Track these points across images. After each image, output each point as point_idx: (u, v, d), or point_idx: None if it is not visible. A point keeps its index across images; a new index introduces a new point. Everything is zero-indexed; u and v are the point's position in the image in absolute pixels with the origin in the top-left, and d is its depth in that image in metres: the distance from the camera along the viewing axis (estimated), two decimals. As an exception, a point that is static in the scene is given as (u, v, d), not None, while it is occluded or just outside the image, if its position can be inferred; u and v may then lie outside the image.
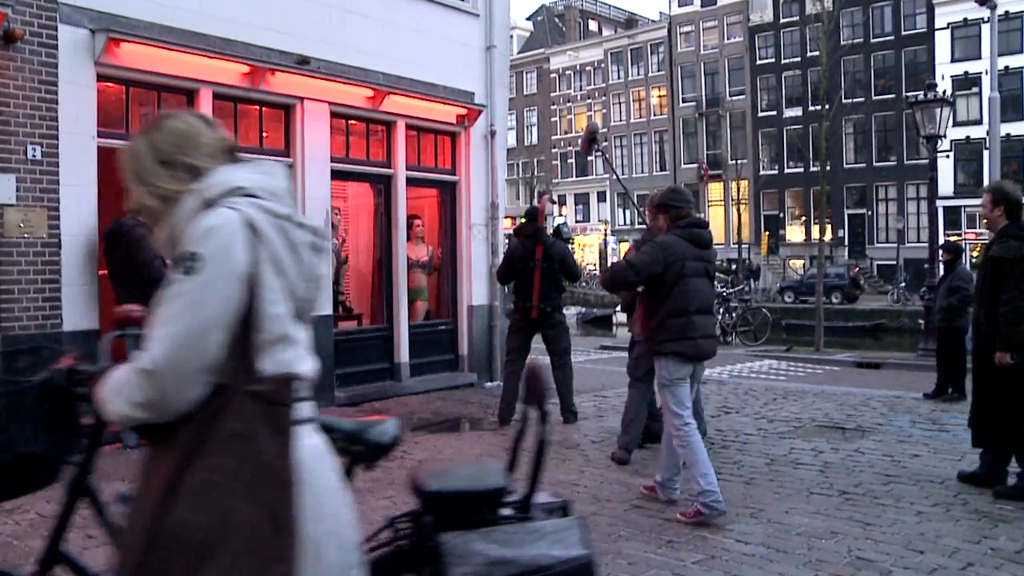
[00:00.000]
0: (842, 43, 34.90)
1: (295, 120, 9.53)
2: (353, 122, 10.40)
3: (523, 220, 8.91)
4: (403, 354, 10.78)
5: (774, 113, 49.47)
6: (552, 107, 60.62)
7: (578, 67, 59.46)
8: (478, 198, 11.68)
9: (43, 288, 7.41)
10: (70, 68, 7.59)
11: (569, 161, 59.39)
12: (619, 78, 57.25)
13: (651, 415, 7.39)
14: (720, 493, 5.36)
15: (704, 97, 52.84)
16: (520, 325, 8.84)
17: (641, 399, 7.25)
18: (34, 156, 7.35)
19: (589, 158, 11.86)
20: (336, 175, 10.08)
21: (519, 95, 61.83)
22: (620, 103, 57.26)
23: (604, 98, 57.78)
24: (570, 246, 10.74)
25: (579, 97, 59.62)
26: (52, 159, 7.47)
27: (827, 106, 19.70)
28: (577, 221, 57.53)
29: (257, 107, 9.34)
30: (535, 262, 8.62)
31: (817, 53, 25.11)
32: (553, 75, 60.66)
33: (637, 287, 5.88)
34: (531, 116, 61.92)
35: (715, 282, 6.01)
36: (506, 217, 11.32)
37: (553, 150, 59.96)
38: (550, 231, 9.16)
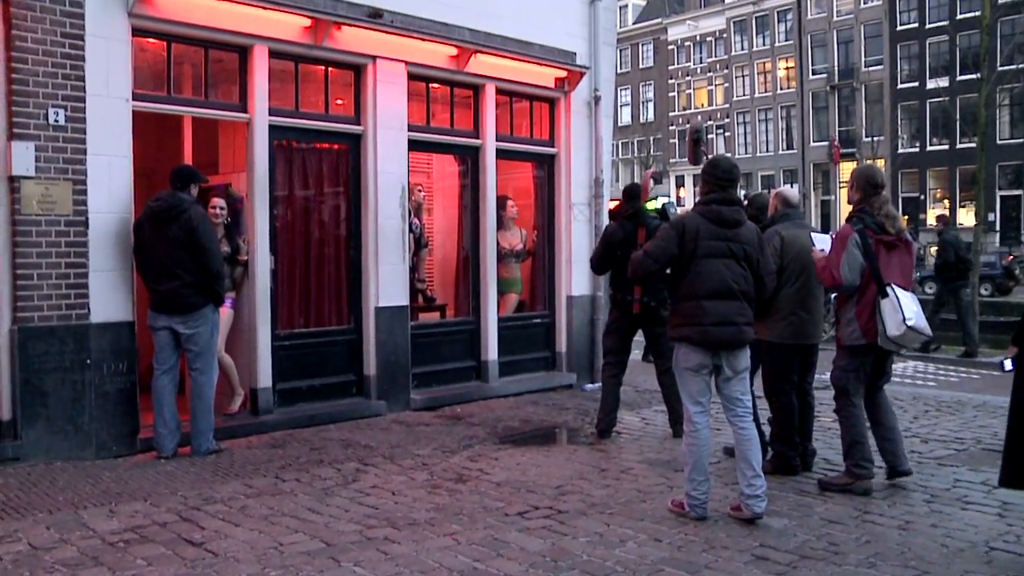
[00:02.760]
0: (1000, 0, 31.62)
1: (366, 82, 8.38)
2: (434, 86, 9.20)
3: (622, 199, 7.65)
4: (491, 351, 9.56)
5: (916, 84, 45.73)
6: (670, 81, 58.23)
7: (698, 38, 56.81)
8: (580, 174, 10.32)
9: (67, 273, 6.46)
10: (99, 20, 6.60)
11: (687, 139, 57.09)
12: (743, 49, 54.40)
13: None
14: (707, 505, 5.20)
15: (836, 68, 49.51)
16: (619, 322, 7.66)
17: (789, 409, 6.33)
18: (56, 121, 6.39)
19: (699, 165, 10.74)
20: (414, 146, 8.90)
21: (634, 69, 59.77)
22: (743, 76, 54.43)
23: (726, 71, 55.09)
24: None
25: (699, 70, 57.04)
26: (78, 125, 6.50)
27: (986, 73, 17.34)
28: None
29: (322, 67, 8.22)
30: (636, 247, 7.23)
31: (968, 15, 22.57)
32: (671, 47, 58.23)
33: (659, 273, 5.41)
34: (647, 91, 59.66)
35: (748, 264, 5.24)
36: (613, 199, 9.90)
37: (671, 127, 57.63)
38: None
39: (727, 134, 54.76)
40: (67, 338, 6.42)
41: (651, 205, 8.34)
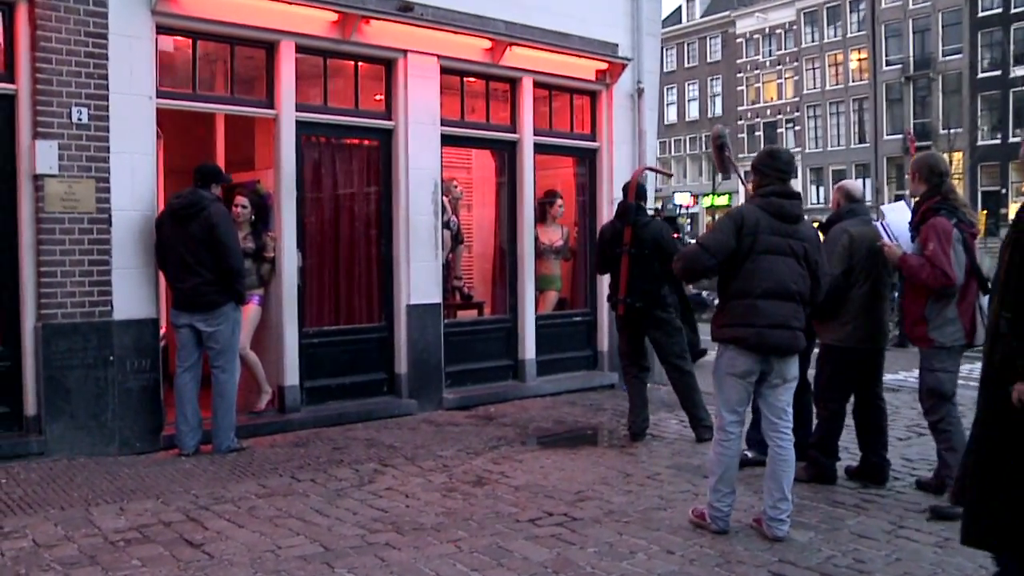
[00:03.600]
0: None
1: (397, 77, 8.27)
2: (469, 79, 9.04)
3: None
4: (528, 350, 9.39)
5: (998, 73, 43.96)
6: (738, 75, 57.15)
7: (767, 30, 55.64)
8: (622, 169, 10.04)
9: (90, 271, 6.49)
10: (122, 18, 6.61)
11: (756, 134, 55.86)
12: (813, 41, 53.11)
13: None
14: (729, 518, 4.90)
15: (912, 58, 47.91)
16: (619, 325, 7.46)
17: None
18: (80, 119, 6.42)
19: (727, 174, 9.85)
20: (448, 141, 8.78)
21: (702, 63, 58.86)
22: (814, 69, 53.15)
23: (796, 63, 53.87)
24: (687, 227, 8.76)
25: (768, 63, 55.84)
26: (101, 123, 6.52)
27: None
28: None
29: (351, 62, 8.13)
30: (622, 246, 7.10)
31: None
32: (739, 40, 57.13)
33: (716, 268, 4.90)
34: (715, 85, 58.65)
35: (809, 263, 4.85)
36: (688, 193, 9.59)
37: (739, 122, 56.56)
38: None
39: (797, 128, 53.56)
40: (90, 335, 6.45)
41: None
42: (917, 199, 5.57)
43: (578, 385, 9.67)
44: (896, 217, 5.69)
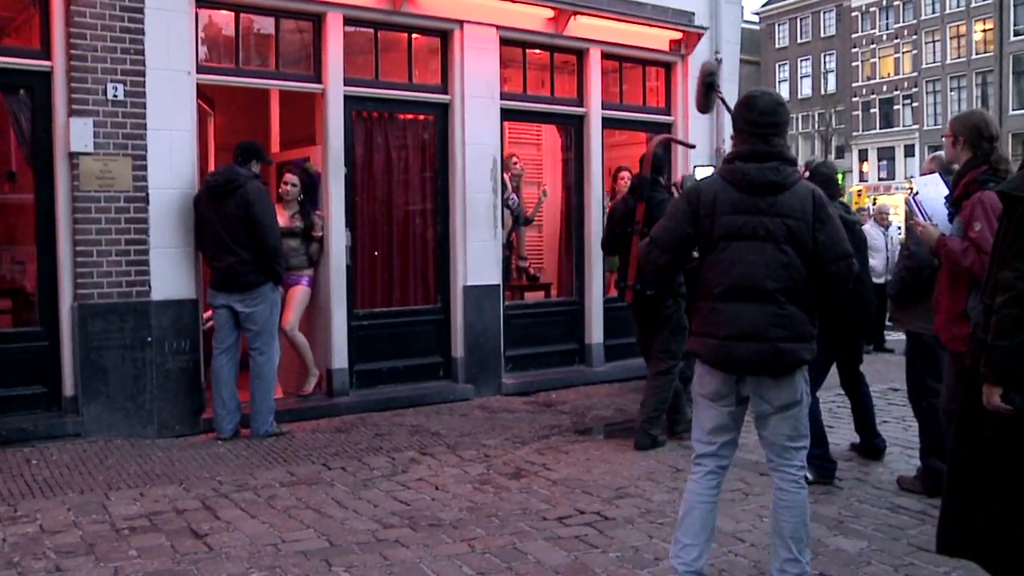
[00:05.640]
0: None
1: (453, 49, 7.94)
2: (532, 51, 8.62)
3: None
4: (596, 333, 8.97)
5: None
6: (853, 50, 54.67)
7: (884, 2, 52.90)
8: (699, 144, 9.45)
9: (127, 250, 6.38)
10: (159, -9, 6.44)
11: (872, 111, 53.43)
12: (933, 12, 50.36)
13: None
14: None
15: (1042, 28, 45.09)
16: (633, 315, 6.65)
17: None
18: (115, 96, 6.30)
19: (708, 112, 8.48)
20: (508, 116, 8.41)
21: (815, 38, 56.54)
22: (934, 42, 50.40)
23: (914, 36, 51.19)
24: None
25: (884, 37, 53.20)
26: (137, 99, 6.39)
27: None
28: (880, 179, 51.80)
29: (404, 34, 7.82)
30: (633, 226, 6.27)
31: None
32: (855, 13, 54.63)
33: (677, 265, 3.81)
34: (829, 61, 56.23)
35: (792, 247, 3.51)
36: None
37: (854, 99, 54.18)
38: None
39: (915, 105, 50.97)
40: (127, 316, 6.34)
41: (701, 173, 6.83)
42: (958, 168, 4.65)
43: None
44: (930, 192, 4.80)
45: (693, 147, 8.02)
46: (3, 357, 6.16)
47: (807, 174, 5.48)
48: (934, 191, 4.73)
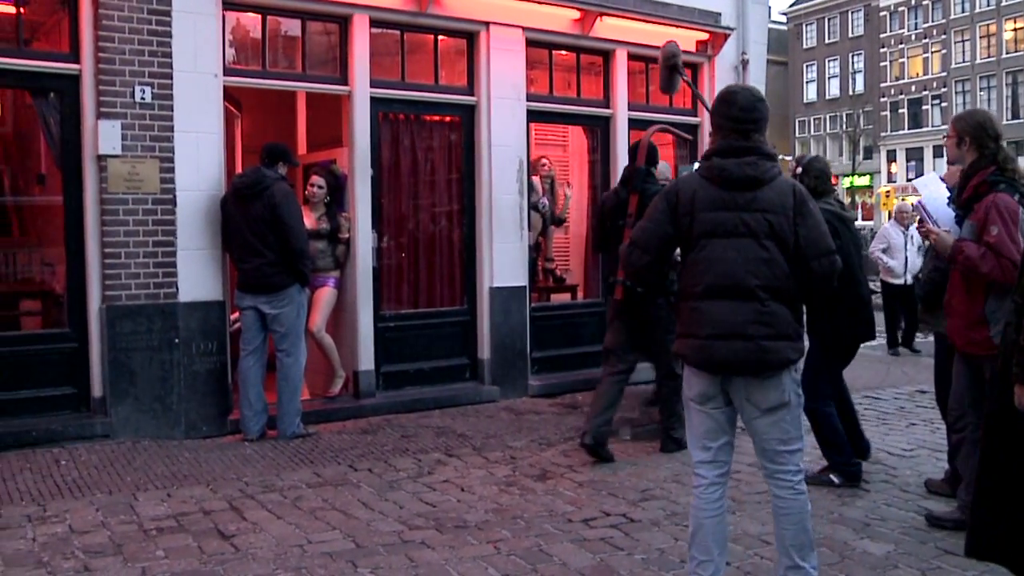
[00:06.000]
0: None
1: (479, 50, 7.93)
2: (558, 52, 8.59)
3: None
4: (623, 335, 8.87)
5: None
6: (881, 50, 54.21)
7: (913, 2, 52.55)
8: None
9: (154, 252, 6.41)
10: (187, -6, 6.48)
11: (900, 111, 52.95)
12: (963, 11, 49.85)
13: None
14: None
15: (1074, 27, 44.50)
16: (612, 313, 6.26)
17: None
18: (143, 98, 6.33)
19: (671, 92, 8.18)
20: (535, 117, 8.39)
21: (843, 38, 56.13)
22: (963, 41, 49.89)
23: (943, 36, 50.68)
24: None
25: (913, 37, 52.74)
26: (165, 102, 6.42)
27: None
28: (908, 180, 51.25)
29: (430, 36, 7.82)
30: (625, 218, 5.97)
31: None
32: (883, 13, 54.17)
33: (658, 266, 3.66)
34: (857, 61, 55.78)
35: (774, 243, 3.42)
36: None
37: (882, 99, 53.72)
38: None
39: (944, 105, 50.42)
40: (155, 317, 6.37)
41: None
42: (964, 169, 4.51)
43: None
44: (931, 191, 4.66)
45: (690, 139, 7.72)
46: (33, 358, 6.22)
47: (799, 170, 5.39)
48: (935, 190, 4.63)
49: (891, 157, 53.08)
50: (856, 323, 5.40)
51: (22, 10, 6.28)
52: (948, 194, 4.58)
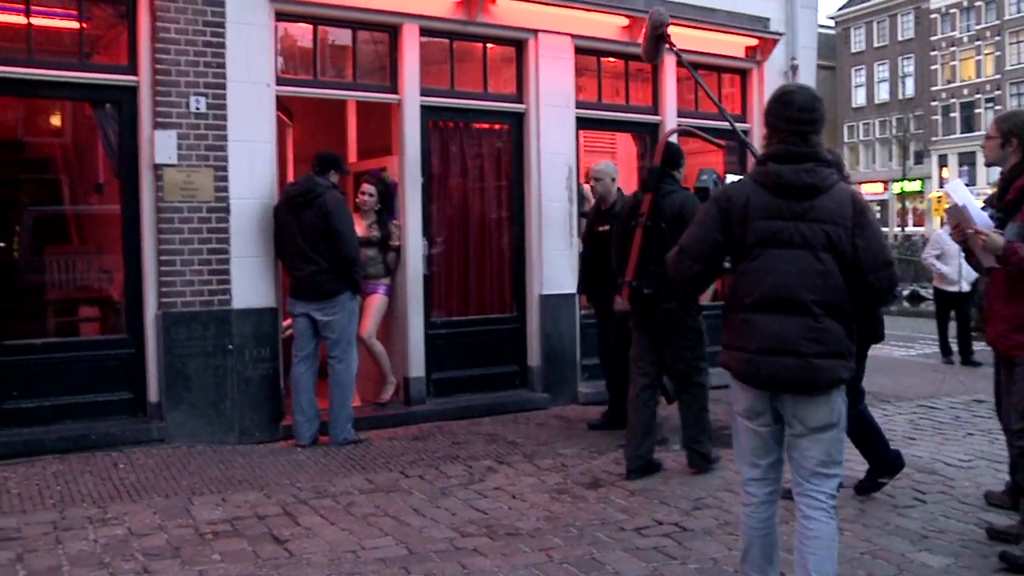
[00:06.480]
0: None
1: (527, 58, 7.96)
2: (606, 59, 8.59)
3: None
4: (672, 342, 8.81)
5: None
6: (932, 53, 53.37)
7: (964, 3, 51.61)
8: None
9: (209, 260, 6.51)
10: (240, 7, 6.60)
11: (952, 115, 52.03)
12: (1018, 12, 48.87)
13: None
14: None
15: None
16: (633, 320, 5.96)
17: None
18: (198, 109, 6.44)
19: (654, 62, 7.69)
20: (584, 124, 8.38)
21: (892, 41, 55.36)
22: (1018, 43, 48.92)
23: (997, 38, 49.73)
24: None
25: (965, 39, 51.82)
26: (219, 112, 6.52)
27: None
28: (940, 186, 50.32)
29: (479, 44, 7.85)
30: (638, 218, 5.82)
31: None
32: (934, 15, 53.33)
33: (707, 276, 3.50)
34: (907, 65, 54.97)
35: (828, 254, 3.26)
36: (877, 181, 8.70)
37: (933, 103, 52.86)
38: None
39: (997, 108, 49.42)
40: (209, 323, 6.47)
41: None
42: (1004, 171, 4.42)
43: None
44: (962, 195, 4.46)
45: (722, 146, 7.46)
46: (91, 364, 6.35)
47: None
48: (964, 194, 4.45)
49: (942, 162, 52.17)
50: (871, 324, 5.12)
51: (84, 25, 6.43)
52: (971, 195, 4.46)
